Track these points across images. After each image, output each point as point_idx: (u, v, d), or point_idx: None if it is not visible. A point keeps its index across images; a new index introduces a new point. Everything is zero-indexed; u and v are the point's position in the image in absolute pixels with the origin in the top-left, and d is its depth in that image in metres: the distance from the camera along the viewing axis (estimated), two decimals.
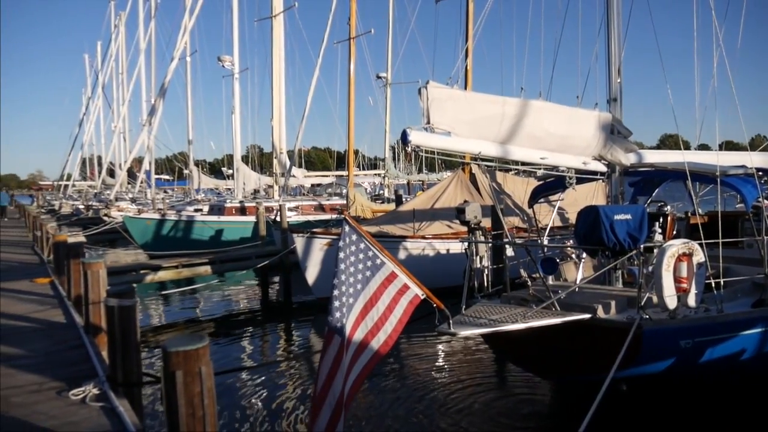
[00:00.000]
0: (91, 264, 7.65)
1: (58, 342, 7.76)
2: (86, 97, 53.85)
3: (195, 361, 3.65)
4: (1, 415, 5.29)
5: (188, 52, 35.25)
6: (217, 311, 15.60)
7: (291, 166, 25.24)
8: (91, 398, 5.55)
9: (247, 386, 9.13)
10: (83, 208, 38.99)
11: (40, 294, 11.21)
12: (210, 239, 23.47)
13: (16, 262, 16.17)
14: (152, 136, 32.34)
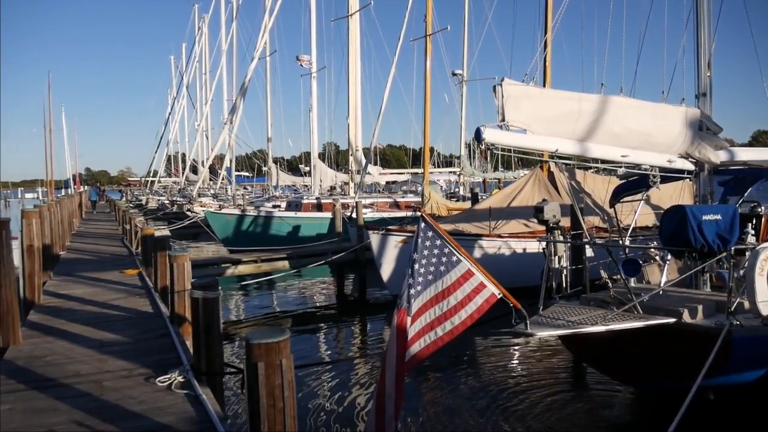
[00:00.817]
0: (177, 257, 7.95)
1: (145, 330, 8.13)
2: (171, 98, 56.08)
3: (276, 354, 3.74)
4: (95, 398, 5.60)
5: (268, 52, 36.14)
6: (293, 305, 15.92)
7: (367, 163, 25.42)
8: (176, 385, 5.79)
9: (321, 381, 9.27)
10: (168, 203, 40.58)
11: (129, 284, 11.76)
12: (287, 235, 23.97)
13: (107, 254, 17.02)
14: (233, 134, 33.31)
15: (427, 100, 21.86)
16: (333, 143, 45.66)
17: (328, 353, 11.58)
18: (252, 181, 56.05)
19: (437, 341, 5.19)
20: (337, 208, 20.82)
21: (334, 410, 8.09)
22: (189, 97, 50.82)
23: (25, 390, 5.87)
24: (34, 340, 7.72)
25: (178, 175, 58.99)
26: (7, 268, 7.17)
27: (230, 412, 7.68)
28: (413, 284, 5.20)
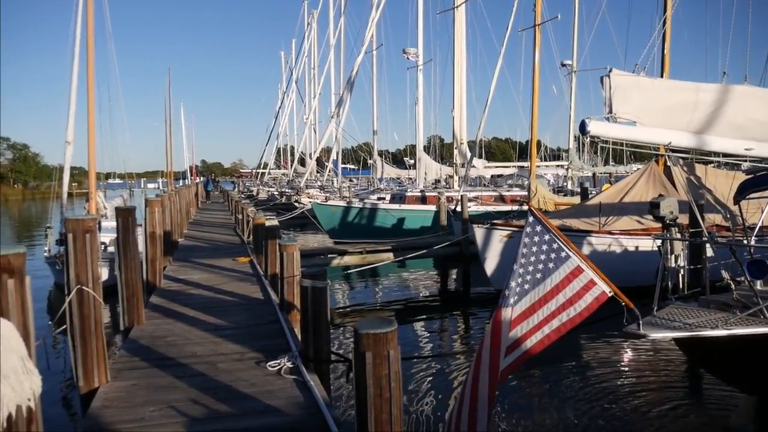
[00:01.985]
0: (287, 246, 8.21)
1: (256, 316, 8.46)
2: (281, 92, 57.84)
3: (384, 344, 3.78)
4: (210, 378, 5.89)
5: (374, 46, 36.46)
6: (396, 297, 16.05)
7: (472, 156, 25.18)
8: (285, 371, 5.98)
9: (422, 373, 9.29)
10: (277, 194, 41.95)
11: (241, 271, 12.27)
12: (391, 227, 24.18)
13: (220, 242, 17.86)
14: (340, 127, 33.92)
15: (535, 92, 21.32)
16: (438, 136, 45.49)
17: (430, 346, 11.59)
18: (357, 173, 56.91)
19: (543, 340, 5.04)
20: (442, 202, 20.77)
21: (435, 403, 8.09)
22: (298, 92, 52.24)
23: (148, 367, 6.26)
24: (155, 321, 8.23)
25: (287, 167, 60.82)
26: (132, 253, 7.67)
27: (335, 399, 7.86)
28: (521, 282, 5.07)
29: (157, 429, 4.73)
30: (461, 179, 27.04)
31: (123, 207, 8.12)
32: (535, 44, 21.29)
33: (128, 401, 5.32)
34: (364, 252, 15.85)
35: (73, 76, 16.30)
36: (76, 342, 5.49)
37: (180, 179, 66.78)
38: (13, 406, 2.32)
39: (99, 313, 5.62)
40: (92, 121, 15.51)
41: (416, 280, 18.26)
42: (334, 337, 11.30)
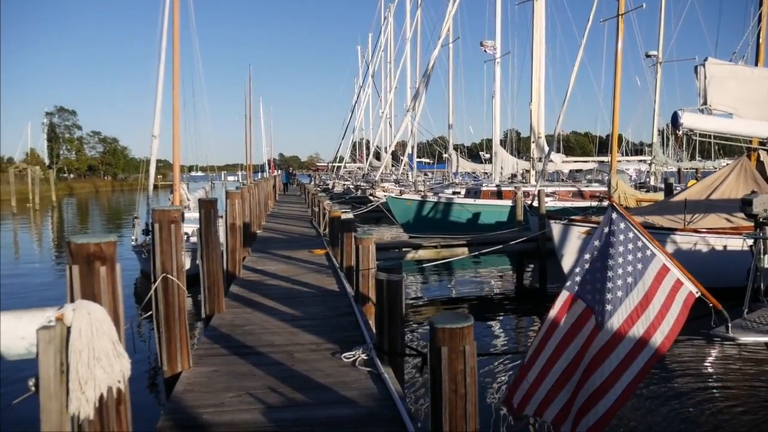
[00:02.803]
0: (363, 239, 8.27)
1: (332, 308, 8.57)
2: (357, 86, 58.28)
3: (460, 339, 3.74)
4: (287, 368, 6.00)
5: (451, 39, 36.18)
6: (471, 292, 15.92)
7: (550, 150, 24.65)
8: (360, 362, 6.03)
9: (498, 370, 9.18)
10: (353, 187, 42.36)
11: (317, 263, 12.46)
12: (466, 222, 23.99)
13: (297, 234, 18.20)
14: (415, 121, 33.90)
15: (617, 84, 20.61)
16: (515, 130, 44.72)
17: (505, 343, 11.44)
18: (432, 167, 56.81)
19: (651, 360, 4.66)
20: (519, 196, 20.42)
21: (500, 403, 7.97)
22: (374, 86, 52.55)
23: (228, 355, 6.45)
24: (235, 310, 8.46)
25: (362, 160, 61.30)
26: (214, 244, 7.90)
27: (408, 392, 7.86)
28: (612, 288, 4.77)
29: (236, 415, 4.86)
30: (538, 174, 26.50)
31: (206, 199, 8.39)
32: (618, 35, 20.58)
33: (209, 386, 5.49)
34: (438, 246, 15.77)
35: (160, 73, 16.94)
36: (161, 328, 5.71)
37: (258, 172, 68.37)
38: (104, 387, 2.42)
39: (182, 300, 5.82)
40: (177, 116, 16.09)
41: (491, 275, 18.05)
42: (407, 331, 11.32)
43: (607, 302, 4.74)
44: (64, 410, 2.36)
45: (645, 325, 4.69)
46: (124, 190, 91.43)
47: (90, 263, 2.82)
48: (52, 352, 2.27)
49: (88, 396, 2.37)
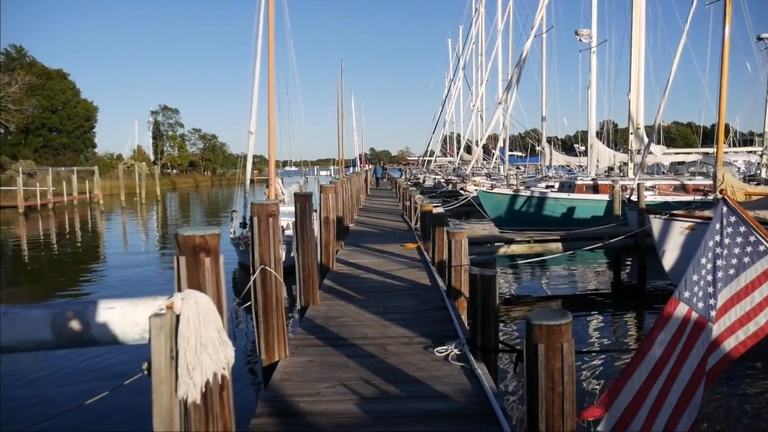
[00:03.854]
0: (455, 233, 8.21)
1: (424, 302, 8.57)
2: (448, 80, 58.00)
3: (558, 337, 3.65)
4: (380, 360, 6.05)
5: (544, 29, 35.35)
6: (565, 289, 15.54)
7: (649, 142, 23.58)
8: (452, 357, 6.00)
9: (595, 369, 8.91)
10: (443, 182, 42.22)
11: (409, 257, 12.50)
12: (560, 216, 23.39)
13: (388, 228, 18.32)
14: (507, 113, 33.35)
15: (724, 71, 19.43)
16: (611, 121, 43.11)
17: (601, 341, 11.08)
18: (525, 161, 55.77)
19: (738, 347, 4.56)
20: (616, 190, 19.69)
21: None
22: (465, 79, 51.99)
23: (323, 346, 6.58)
24: (328, 302, 8.62)
25: (453, 154, 61.01)
26: (309, 237, 8.08)
27: (500, 388, 7.77)
28: (713, 281, 4.58)
29: (330, 405, 4.95)
30: (637, 167, 25.42)
31: (301, 193, 8.58)
32: (725, 18, 19.42)
33: (305, 376, 5.62)
34: (531, 241, 15.47)
35: (256, 73, 17.49)
36: (260, 318, 5.90)
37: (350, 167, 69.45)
38: (210, 373, 2.51)
39: (280, 291, 5.99)
40: (272, 113, 16.55)
41: (586, 272, 17.54)
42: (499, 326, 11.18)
43: (706, 295, 4.53)
44: (173, 393, 2.47)
45: (738, 315, 4.47)
46: (222, 185, 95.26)
47: (196, 254, 2.93)
48: (163, 338, 2.38)
49: (195, 381, 2.47)
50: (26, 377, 8.88)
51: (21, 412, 7.64)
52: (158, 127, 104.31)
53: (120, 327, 2.44)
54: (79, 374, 8.98)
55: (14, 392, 8.29)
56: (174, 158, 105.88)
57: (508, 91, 30.70)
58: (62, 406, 7.09)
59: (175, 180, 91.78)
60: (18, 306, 2.41)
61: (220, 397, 2.72)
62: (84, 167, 58.85)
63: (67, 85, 73.12)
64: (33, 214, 42.94)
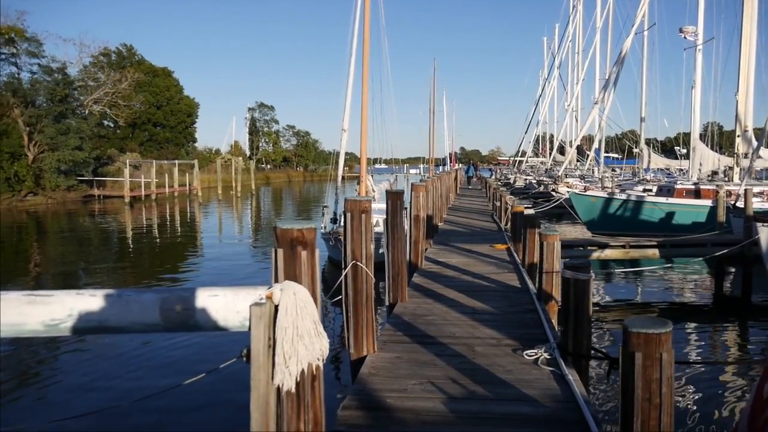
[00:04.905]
0: (547, 236, 8.05)
1: (513, 304, 8.44)
2: (542, 79, 56.78)
3: (656, 346, 3.51)
4: (468, 360, 6.02)
5: (646, 26, 33.95)
6: (662, 298, 14.89)
7: (759, 145, 22.23)
8: (542, 361, 5.88)
9: (694, 381, 8.49)
10: (535, 182, 41.41)
11: (498, 258, 12.35)
12: (658, 222, 22.43)
13: (478, 228, 18.17)
14: (604, 114, 32.31)
15: None
16: (716, 123, 41.04)
17: (700, 353, 10.55)
18: (621, 163, 53.83)
19: None
20: (721, 196, 18.68)
21: (714, 416, 7.35)
22: (560, 78, 50.86)
23: (410, 343, 6.61)
24: (416, 300, 8.65)
25: (545, 155, 59.74)
26: (399, 234, 8.13)
27: (592, 396, 7.55)
28: None
29: (418, 402, 4.97)
30: (744, 171, 24.02)
31: (393, 190, 8.65)
32: None
33: (392, 372, 5.67)
34: (627, 246, 14.90)
35: (351, 70, 17.77)
36: (350, 312, 5.99)
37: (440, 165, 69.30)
38: (305, 363, 2.58)
39: (370, 287, 6.06)
40: (365, 111, 16.74)
41: (684, 280, 16.72)
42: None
43: None
44: (269, 381, 2.55)
45: None
46: (314, 181, 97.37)
47: (293, 247, 3.01)
48: (262, 327, 2.46)
49: (291, 370, 2.53)
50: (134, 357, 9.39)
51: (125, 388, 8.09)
52: (254, 123, 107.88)
53: (222, 314, 2.54)
54: (178, 357, 9.41)
55: (121, 370, 8.79)
56: (268, 154, 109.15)
57: (605, 90, 29.74)
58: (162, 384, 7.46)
59: (269, 175, 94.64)
60: (130, 290, 2.56)
61: (312, 387, 2.78)
62: (185, 161, 61.69)
63: (172, 82, 76.83)
64: (137, 204, 45.44)
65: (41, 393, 8.08)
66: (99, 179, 50.68)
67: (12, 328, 2.48)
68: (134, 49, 74.19)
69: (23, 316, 2.47)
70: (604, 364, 6.77)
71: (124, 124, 64.30)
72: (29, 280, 16.66)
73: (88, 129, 49.29)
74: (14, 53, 46.16)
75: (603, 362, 6.39)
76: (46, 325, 2.49)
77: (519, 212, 12.58)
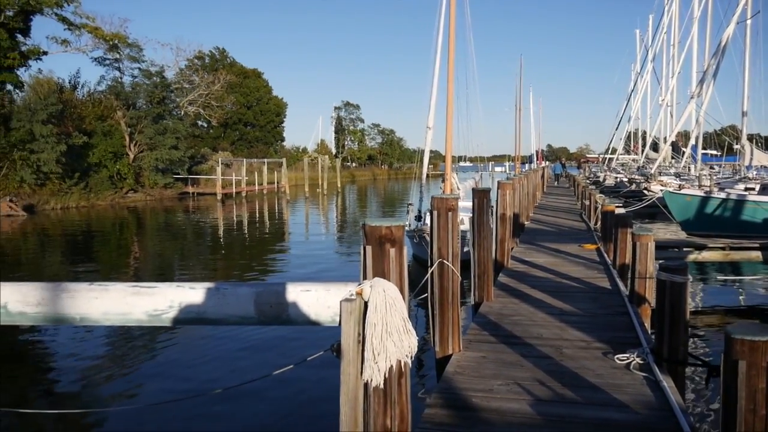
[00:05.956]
0: (641, 236, 7.75)
1: (603, 306, 8.19)
2: (635, 73, 54.66)
3: (763, 354, 3.30)
4: (555, 362, 5.89)
5: (749, 14, 32.04)
6: (763, 302, 14.04)
7: None
8: (634, 366, 5.68)
9: None
10: (626, 180, 39.95)
11: (587, 259, 12.01)
12: (762, 222, 21.15)
13: (565, 227, 17.74)
14: (702, 109, 30.77)
15: None
16: None
17: None
18: (720, 160, 51.14)
19: None
20: None
21: None
22: (653, 72, 48.76)
23: (496, 342, 6.53)
24: (502, 300, 8.54)
25: (637, 152, 57.55)
26: (485, 233, 8.05)
27: (688, 405, 7.22)
28: None
29: (504, 403, 4.91)
30: None
31: (479, 188, 8.57)
32: None
33: (478, 372, 5.62)
34: (727, 248, 14.13)
35: (436, 67, 17.69)
36: (435, 311, 5.99)
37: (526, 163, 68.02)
38: (394, 359, 2.60)
39: (456, 285, 6.03)
40: (451, 108, 16.62)
41: None
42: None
43: None
44: (358, 375, 2.58)
45: None
46: (398, 179, 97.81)
47: (381, 244, 3.03)
48: (353, 322, 2.50)
49: (380, 366, 2.56)
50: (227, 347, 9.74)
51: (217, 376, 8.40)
52: (340, 122, 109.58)
53: (314, 309, 2.59)
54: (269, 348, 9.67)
55: (214, 359, 9.14)
56: (354, 152, 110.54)
57: (703, 83, 28.30)
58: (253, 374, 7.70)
59: (354, 173, 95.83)
60: (227, 283, 2.66)
61: (398, 384, 2.81)
62: (273, 159, 63.36)
63: (261, 83, 79.19)
64: (228, 201, 47.07)
65: (136, 378, 8.52)
66: (193, 177, 52.83)
67: (119, 317, 2.63)
68: (226, 51, 77.04)
69: (129, 306, 2.62)
70: (700, 370, 6.48)
71: (217, 124, 66.78)
72: (130, 271, 17.59)
73: (184, 129, 51.45)
74: (117, 59, 48.91)
75: (698, 369, 6.11)
76: (150, 315, 2.62)
77: (610, 211, 12.19)
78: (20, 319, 2.64)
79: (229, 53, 77.25)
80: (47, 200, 37.39)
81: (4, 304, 2.60)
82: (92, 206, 39.92)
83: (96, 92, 49.96)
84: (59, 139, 38.34)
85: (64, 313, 2.63)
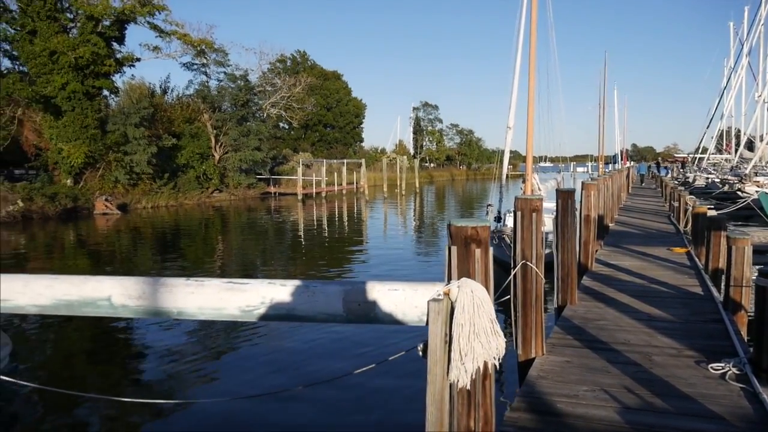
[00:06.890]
0: (738, 240, 7.38)
1: (695, 312, 7.84)
2: (728, 68, 52.07)
3: None
4: (644, 370, 5.68)
5: None
6: None
7: None
8: (730, 377, 5.41)
9: None
10: (718, 181, 38.11)
11: (676, 263, 11.54)
12: None
13: (653, 230, 17.10)
14: None
15: None
16: None
17: None
18: None
19: None
20: None
21: None
22: (749, 66, 46.29)
23: (581, 347, 6.37)
24: (586, 303, 8.31)
25: (730, 151, 54.78)
26: (569, 235, 7.86)
27: None
28: None
29: (590, 410, 4.78)
30: None
31: (563, 189, 8.37)
32: None
33: (562, 376, 5.49)
34: None
35: (516, 66, 17.44)
36: (518, 313, 5.90)
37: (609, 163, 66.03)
38: (481, 361, 2.57)
39: (540, 288, 5.92)
40: (532, 108, 16.34)
41: None
42: None
43: None
44: (445, 376, 2.57)
45: None
46: (477, 179, 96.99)
47: (467, 245, 3.01)
48: (440, 323, 2.49)
49: (467, 367, 2.54)
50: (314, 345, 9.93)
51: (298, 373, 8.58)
52: (419, 122, 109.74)
53: (401, 308, 2.60)
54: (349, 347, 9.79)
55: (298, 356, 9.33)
56: (432, 152, 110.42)
57: None
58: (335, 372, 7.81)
59: (433, 173, 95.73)
60: (317, 281, 2.71)
61: (483, 386, 2.77)
62: (352, 160, 64.14)
63: (341, 84, 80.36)
64: (309, 201, 48.01)
65: (220, 372, 8.80)
66: (275, 177, 54.18)
67: (213, 311, 2.73)
68: (307, 54, 78.65)
69: (223, 301, 2.71)
70: None
71: (298, 125, 68.17)
72: (216, 268, 18.21)
73: (266, 131, 52.82)
74: (204, 63, 50.74)
75: None
76: (242, 310, 2.71)
77: (701, 213, 11.68)
78: (122, 312, 2.79)
79: (309, 56, 78.93)
80: (139, 199, 39.32)
81: (108, 296, 2.75)
82: (180, 205, 41.66)
83: (184, 96, 52.01)
84: (150, 141, 40.27)
85: (163, 307, 2.75)
